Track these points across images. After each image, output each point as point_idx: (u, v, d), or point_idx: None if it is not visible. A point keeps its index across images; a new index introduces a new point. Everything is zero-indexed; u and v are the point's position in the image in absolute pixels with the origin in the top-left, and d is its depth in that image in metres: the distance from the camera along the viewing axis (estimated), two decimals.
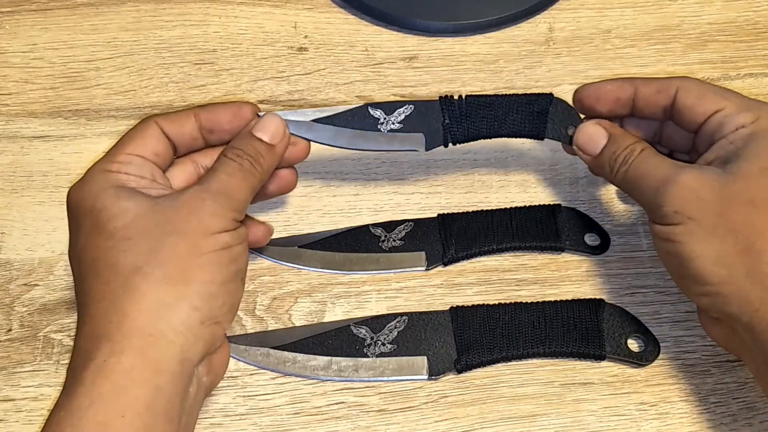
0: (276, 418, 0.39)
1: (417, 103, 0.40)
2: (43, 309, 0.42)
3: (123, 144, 0.36)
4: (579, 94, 0.40)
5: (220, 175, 0.36)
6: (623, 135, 0.39)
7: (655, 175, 0.36)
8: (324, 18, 0.50)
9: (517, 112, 0.41)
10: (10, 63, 0.49)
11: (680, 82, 0.38)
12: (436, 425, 0.39)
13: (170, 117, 0.38)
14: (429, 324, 0.41)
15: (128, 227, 0.33)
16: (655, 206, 0.36)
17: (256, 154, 0.37)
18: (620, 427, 0.39)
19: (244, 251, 0.36)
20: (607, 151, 0.39)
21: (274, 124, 0.38)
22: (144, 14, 0.50)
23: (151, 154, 0.36)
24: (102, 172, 0.35)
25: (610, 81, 0.40)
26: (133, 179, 0.35)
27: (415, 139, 0.40)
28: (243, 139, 0.38)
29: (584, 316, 0.40)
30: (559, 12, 0.51)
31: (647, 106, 0.39)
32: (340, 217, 0.44)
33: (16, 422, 0.39)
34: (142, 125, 0.37)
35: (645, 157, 0.37)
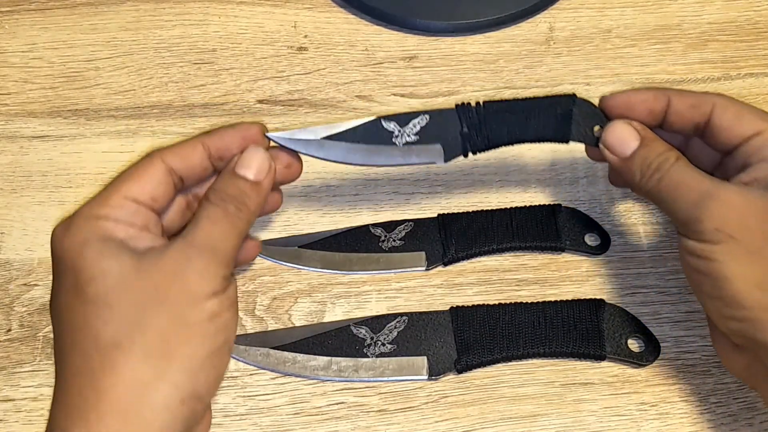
0: (276, 418, 0.39)
1: (432, 113, 0.38)
2: (42, 309, 0.42)
3: (120, 183, 0.34)
4: (608, 102, 0.38)
5: (204, 225, 0.33)
6: (656, 140, 0.37)
7: (694, 188, 0.34)
8: (324, 18, 0.50)
9: (539, 115, 0.38)
10: (9, 63, 0.49)
11: (716, 99, 0.37)
12: (436, 425, 0.39)
13: (176, 150, 0.35)
14: (429, 324, 0.41)
15: (109, 293, 0.31)
16: (691, 221, 0.34)
17: (240, 195, 0.35)
18: (621, 427, 0.39)
19: (233, 317, 0.34)
20: (639, 155, 0.37)
21: (258, 159, 0.35)
22: (143, 14, 0.50)
23: (148, 198, 0.34)
24: (90, 219, 0.33)
25: (642, 90, 0.38)
26: (121, 228, 0.33)
27: (432, 151, 0.38)
28: (226, 179, 0.35)
29: (584, 317, 0.40)
30: (559, 12, 0.51)
31: (679, 120, 0.37)
32: (340, 217, 0.44)
33: (16, 422, 0.39)
34: (145, 163, 0.35)
35: (681, 167, 0.35)
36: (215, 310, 0.32)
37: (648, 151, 0.37)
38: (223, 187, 0.35)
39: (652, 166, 0.36)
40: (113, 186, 0.34)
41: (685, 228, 0.35)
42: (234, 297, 0.34)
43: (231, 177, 0.35)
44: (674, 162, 0.36)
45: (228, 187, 0.35)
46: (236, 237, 0.34)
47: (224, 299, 0.33)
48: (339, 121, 0.46)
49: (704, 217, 0.34)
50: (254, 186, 0.35)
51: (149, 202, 0.34)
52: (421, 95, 0.48)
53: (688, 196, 0.34)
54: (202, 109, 0.47)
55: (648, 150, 0.37)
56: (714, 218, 0.33)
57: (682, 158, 0.36)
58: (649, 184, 0.36)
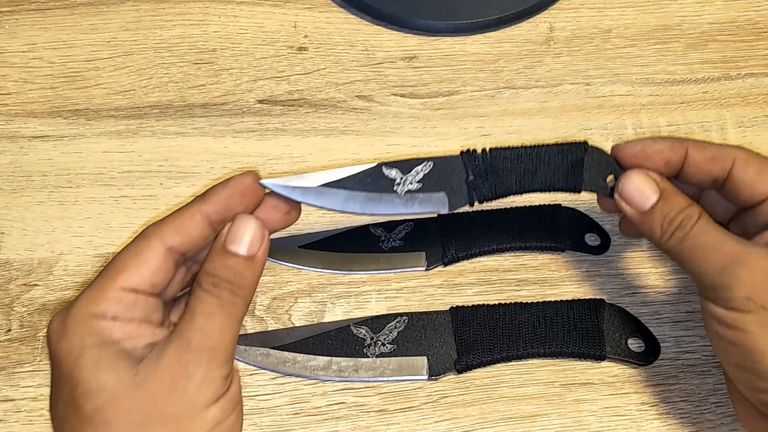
0: (276, 418, 0.39)
1: (436, 160, 0.36)
2: (42, 309, 0.42)
3: (117, 272, 0.32)
4: (622, 151, 0.36)
5: (199, 321, 0.31)
6: (677, 193, 0.35)
7: (721, 251, 0.32)
8: (324, 18, 0.50)
9: (549, 163, 0.36)
10: (9, 63, 0.49)
11: (737, 152, 0.35)
12: (436, 425, 0.39)
13: (174, 225, 0.33)
14: (429, 324, 0.41)
15: (106, 410, 0.30)
16: (719, 287, 0.32)
17: (234, 277, 0.32)
18: (621, 427, 0.39)
19: (238, 418, 0.32)
20: (659, 210, 0.34)
21: (250, 231, 0.33)
22: (143, 14, 0.50)
23: (147, 285, 0.32)
24: (86, 319, 0.31)
25: (658, 140, 0.36)
26: (119, 327, 0.31)
27: (436, 200, 0.36)
28: (216, 258, 0.33)
29: (584, 317, 0.40)
30: (559, 12, 0.51)
31: (697, 173, 0.35)
32: (340, 217, 0.44)
33: (16, 422, 0.39)
34: (142, 246, 0.32)
35: (704, 227, 0.33)
36: (218, 417, 0.31)
37: (669, 206, 0.34)
38: (214, 270, 0.33)
39: (674, 224, 0.34)
40: (110, 275, 0.32)
41: (711, 293, 0.33)
42: (237, 396, 0.33)
43: (222, 255, 0.33)
44: (697, 220, 0.34)
45: (220, 269, 0.32)
46: (234, 327, 0.33)
47: (227, 403, 0.32)
48: (339, 121, 0.47)
49: (734, 285, 0.32)
50: (248, 261, 0.33)
51: (149, 288, 0.32)
52: (421, 95, 0.48)
53: (715, 260, 0.32)
54: (202, 109, 0.47)
55: (669, 205, 0.34)
56: (745, 286, 0.32)
57: (705, 215, 0.34)
58: (670, 242, 0.34)
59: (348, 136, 0.46)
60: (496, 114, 0.47)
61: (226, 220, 0.34)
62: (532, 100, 0.48)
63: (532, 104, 0.47)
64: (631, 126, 0.47)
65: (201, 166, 0.45)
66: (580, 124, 0.47)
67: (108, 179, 0.45)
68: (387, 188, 0.36)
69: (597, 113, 0.47)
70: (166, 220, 0.33)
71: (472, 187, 0.37)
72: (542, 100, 0.48)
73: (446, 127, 0.47)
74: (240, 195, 0.34)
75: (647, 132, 0.47)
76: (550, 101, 0.48)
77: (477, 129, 0.47)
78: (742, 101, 0.47)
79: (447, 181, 0.36)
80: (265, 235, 0.34)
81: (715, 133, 0.46)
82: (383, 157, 0.46)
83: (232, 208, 0.34)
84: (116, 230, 0.44)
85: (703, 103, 0.47)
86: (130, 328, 0.32)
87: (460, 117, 0.47)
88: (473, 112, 0.47)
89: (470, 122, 0.47)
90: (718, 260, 0.32)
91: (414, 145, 0.46)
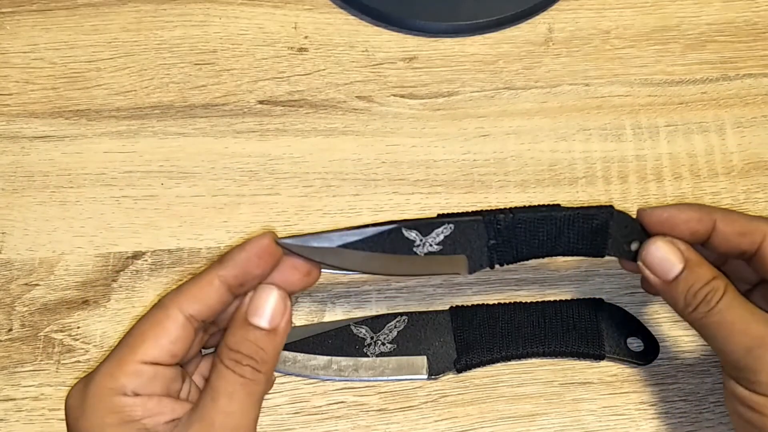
0: (276, 417, 0.39)
1: (458, 222, 0.35)
2: (43, 309, 0.42)
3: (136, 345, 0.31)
4: (648, 217, 0.35)
5: (222, 402, 0.31)
6: (702, 264, 0.34)
7: (747, 332, 0.32)
8: (324, 18, 0.51)
9: (573, 228, 0.36)
10: (10, 63, 0.49)
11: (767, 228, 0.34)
12: (435, 425, 0.39)
13: (193, 293, 0.32)
14: (429, 324, 0.41)
15: None
16: (743, 368, 0.32)
17: (256, 352, 0.32)
18: (619, 426, 0.39)
19: None
20: (684, 282, 0.34)
21: (272, 302, 0.32)
22: (145, 15, 0.50)
23: (167, 357, 0.32)
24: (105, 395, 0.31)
25: (686, 208, 0.35)
26: (140, 404, 0.31)
27: (456, 262, 0.36)
28: (238, 332, 0.32)
29: (584, 316, 0.41)
30: (558, 12, 0.51)
31: (725, 245, 0.35)
32: (340, 217, 0.44)
33: (17, 422, 0.39)
34: (161, 317, 0.32)
35: (730, 302, 0.33)
36: None
37: (694, 278, 0.33)
38: (236, 345, 0.32)
39: (698, 297, 0.33)
40: (128, 348, 0.31)
41: (734, 372, 0.33)
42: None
43: (243, 329, 0.32)
44: (723, 295, 0.33)
45: (241, 345, 0.32)
46: (256, 405, 0.32)
47: None
48: (339, 121, 0.47)
49: (760, 369, 0.31)
50: (270, 335, 0.32)
51: (168, 360, 0.32)
52: (421, 96, 0.48)
53: (740, 340, 0.32)
54: (203, 109, 0.47)
55: (694, 277, 0.34)
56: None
57: (731, 289, 0.33)
58: (693, 315, 0.33)
59: (348, 136, 0.47)
60: (495, 114, 0.47)
61: (245, 284, 0.33)
62: (531, 101, 0.48)
63: (531, 105, 0.48)
64: (629, 126, 0.47)
65: (202, 167, 0.46)
66: (579, 125, 0.47)
67: (109, 179, 0.45)
68: (407, 249, 0.35)
69: (596, 114, 0.47)
70: (184, 288, 0.33)
71: (493, 250, 0.36)
72: (541, 101, 0.48)
73: (446, 128, 0.47)
74: (257, 258, 0.33)
75: (645, 132, 0.47)
76: (549, 102, 0.48)
77: (476, 129, 0.47)
78: (741, 102, 0.48)
79: (468, 243, 0.36)
80: (287, 306, 0.33)
81: (714, 133, 0.47)
82: (384, 158, 0.46)
83: (250, 271, 0.33)
84: (117, 230, 0.44)
85: (702, 103, 0.48)
86: (151, 405, 0.31)
87: (460, 117, 0.47)
88: (473, 112, 0.47)
89: (470, 123, 0.47)
90: (744, 341, 0.32)
91: (414, 146, 0.46)
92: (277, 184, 0.45)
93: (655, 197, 0.45)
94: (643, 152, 0.46)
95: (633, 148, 0.46)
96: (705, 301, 0.33)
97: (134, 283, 0.43)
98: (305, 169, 0.46)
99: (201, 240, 0.44)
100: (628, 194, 0.45)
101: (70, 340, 0.41)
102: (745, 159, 0.46)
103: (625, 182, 0.45)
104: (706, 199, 0.45)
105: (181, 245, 0.43)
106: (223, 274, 0.32)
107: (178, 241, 0.44)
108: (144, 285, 0.43)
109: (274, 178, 0.45)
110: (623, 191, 0.45)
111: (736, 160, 0.46)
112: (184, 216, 0.44)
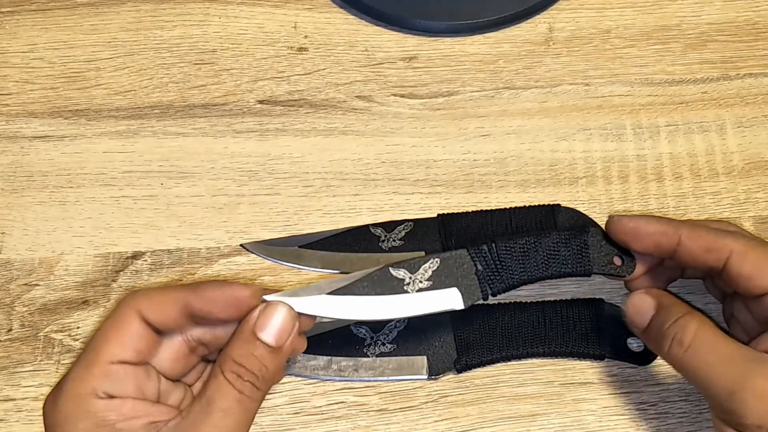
0: (276, 417, 0.39)
1: (443, 255, 0.37)
2: (43, 309, 0.42)
3: (100, 347, 0.31)
4: (616, 225, 0.36)
5: (216, 416, 0.30)
6: (673, 305, 0.35)
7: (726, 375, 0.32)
8: (324, 18, 0.51)
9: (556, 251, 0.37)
10: (10, 63, 0.49)
11: (734, 244, 0.34)
12: (435, 425, 0.39)
13: (154, 300, 0.32)
14: (429, 324, 0.41)
15: None
16: (729, 412, 0.32)
17: (259, 369, 0.31)
18: (620, 426, 0.39)
19: None
20: (655, 321, 0.34)
21: (281, 321, 0.32)
22: (144, 14, 0.50)
23: (131, 353, 0.31)
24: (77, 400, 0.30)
25: (653, 221, 0.36)
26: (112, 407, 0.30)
27: (449, 296, 0.36)
28: (243, 345, 0.31)
29: (584, 316, 0.40)
30: (558, 12, 0.51)
31: (691, 261, 0.35)
32: (340, 217, 0.44)
33: (17, 422, 0.39)
34: (119, 317, 0.32)
35: (702, 340, 0.33)
36: None
37: (664, 317, 0.34)
38: (240, 358, 0.31)
39: (669, 334, 0.34)
40: (94, 351, 0.31)
41: (722, 414, 0.32)
42: None
43: (251, 343, 0.31)
44: (695, 332, 0.33)
45: (246, 359, 0.31)
46: (249, 423, 0.32)
47: None
48: (339, 121, 0.47)
49: (744, 413, 0.31)
50: (274, 353, 0.32)
51: (134, 357, 0.32)
52: (421, 95, 0.48)
53: (721, 384, 0.32)
54: (202, 109, 0.47)
55: (664, 315, 0.34)
56: (755, 415, 0.31)
57: (704, 324, 0.33)
58: (672, 355, 0.34)
59: (348, 136, 0.47)
60: (495, 114, 0.47)
61: (206, 319, 0.32)
62: (531, 101, 0.48)
63: (531, 104, 0.48)
64: (630, 126, 0.47)
65: (201, 167, 0.46)
66: (579, 125, 0.47)
67: (109, 179, 0.45)
68: (398, 289, 0.36)
69: (596, 113, 0.47)
70: (146, 292, 0.33)
71: (483, 278, 0.37)
72: (541, 101, 0.48)
73: (446, 128, 0.47)
74: (225, 304, 0.32)
75: (646, 132, 0.47)
76: (549, 101, 0.48)
77: (476, 129, 0.47)
78: (741, 101, 0.48)
79: (457, 276, 0.37)
80: (295, 326, 0.32)
81: (715, 133, 0.47)
82: (384, 158, 0.46)
83: (216, 314, 0.32)
84: (117, 230, 0.44)
85: (702, 103, 0.48)
86: (125, 409, 0.31)
87: (460, 117, 0.47)
88: (473, 112, 0.47)
89: (470, 122, 0.47)
90: (725, 385, 0.32)
91: (414, 146, 0.46)
92: (276, 184, 0.45)
93: (656, 197, 0.45)
94: (643, 152, 0.46)
95: (633, 148, 0.46)
96: (677, 339, 0.33)
97: (134, 283, 0.43)
98: (305, 169, 0.45)
99: (201, 240, 0.44)
100: (629, 194, 0.45)
101: (70, 340, 0.41)
102: (745, 159, 0.46)
103: (625, 182, 0.45)
104: (707, 199, 0.45)
105: (181, 245, 0.43)
106: (190, 299, 0.32)
107: (178, 241, 0.44)
108: (144, 285, 0.42)
109: (273, 178, 0.45)
110: (624, 191, 0.45)
111: (736, 159, 0.46)
112: (184, 216, 0.44)
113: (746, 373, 0.31)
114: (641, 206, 0.45)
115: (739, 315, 0.37)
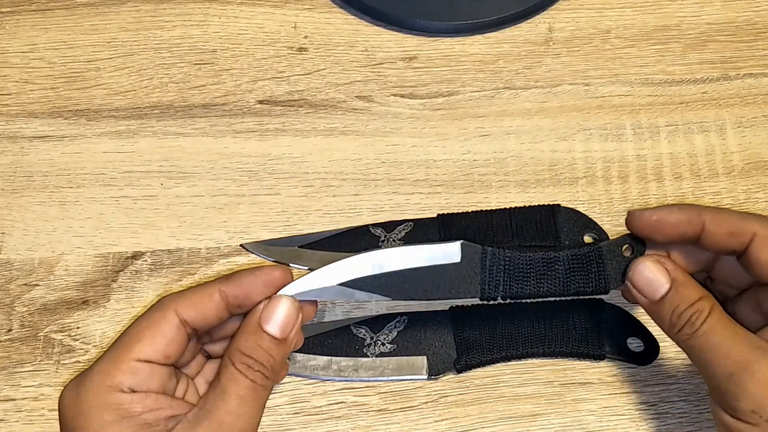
0: (276, 417, 0.39)
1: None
2: (43, 309, 0.42)
3: (131, 343, 0.32)
4: (638, 221, 0.35)
5: (232, 404, 0.31)
6: (688, 285, 0.34)
7: (729, 357, 0.31)
8: (324, 18, 0.51)
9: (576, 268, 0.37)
10: (10, 63, 0.49)
11: (758, 227, 0.33)
12: (435, 425, 0.39)
13: (191, 299, 0.33)
14: (429, 324, 0.41)
15: None
16: (726, 394, 0.32)
17: (267, 360, 0.32)
18: (620, 426, 0.39)
19: None
20: (669, 302, 0.34)
21: (285, 313, 0.33)
22: (144, 14, 0.50)
23: (161, 357, 0.32)
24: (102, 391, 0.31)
25: (675, 210, 0.35)
26: (137, 400, 0.31)
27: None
28: (251, 337, 0.33)
29: (584, 316, 0.40)
30: (558, 12, 0.51)
31: (715, 245, 0.34)
32: (340, 217, 0.44)
33: (17, 422, 0.39)
34: (157, 317, 0.32)
35: (714, 325, 0.32)
36: None
37: (679, 299, 0.33)
38: (248, 350, 0.32)
39: (683, 318, 0.33)
40: (124, 346, 0.32)
41: (718, 398, 0.32)
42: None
43: (258, 336, 0.33)
44: (707, 316, 0.33)
45: (255, 351, 0.32)
46: (262, 410, 0.33)
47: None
48: (339, 121, 0.47)
49: (740, 396, 0.31)
50: (279, 344, 0.33)
51: (162, 360, 0.32)
52: (421, 95, 0.48)
53: (723, 366, 0.32)
54: (202, 109, 0.47)
55: (679, 297, 0.33)
56: (751, 398, 0.31)
57: (717, 310, 0.33)
58: (679, 336, 0.34)
59: (348, 136, 0.47)
60: (495, 114, 0.47)
61: (243, 306, 0.34)
62: (531, 101, 0.48)
63: (531, 104, 0.48)
64: (630, 126, 0.47)
65: (201, 167, 0.46)
66: (579, 125, 0.47)
67: (108, 179, 0.45)
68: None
69: (596, 113, 0.47)
70: (185, 293, 0.33)
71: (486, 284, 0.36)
72: (541, 101, 0.48)
73: (446, 128, 0.47)
74: (263, 285, 0.34)
75: (646, 132, 0.47)
76: (549, 101, 0.48)
77: (476, 129, 0.47)
78: (741, 101, 0.48)
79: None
80: (299, 318, 0.34)
81: (714, 133, 0.47)
82: (384, 158, 0.46)
83: (252, 296, 0.34)
84: (117, 230, 0.44)
85: (702, 103, 0.48)
86: (149, 401, 0.31)
87: (460, 117, 0.47)
88: (473, 112, 0.47)
89: (470, 122, 0.47)
90: (726, 366, 0.31)
91: (414, 146, 0.46)
92: (276, 184, 0.45)
93: (656, 197, 0.45)
94: (643, 152, 0.46)
95: (633, 148, 0.46)
96: (689, 322, 0.33)
97: (134, 283, 0.43)
98: (305, 169, 0.45)
99: (200, 240, 0.44)
100: (629, 194, 0.45)
101: (70, 340, 0.41)
102: (745, 159, 0.46)
103: (625, 182, 0.45)
104: (707, 199, 0.45)
105: (181, 245, 0.43)
106: (225, 289, 0.33)
107: (178, 241, 0.44)
108: (143, 285, 0.43)
109: (273, 178, 0.45)
110: (623, 191, 0.45)
111: (736, 159, 0.46)
112: (184, 216, 0.44)
113: (749, 357, 0.31)
114: (641, 206, 0.44)
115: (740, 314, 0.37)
